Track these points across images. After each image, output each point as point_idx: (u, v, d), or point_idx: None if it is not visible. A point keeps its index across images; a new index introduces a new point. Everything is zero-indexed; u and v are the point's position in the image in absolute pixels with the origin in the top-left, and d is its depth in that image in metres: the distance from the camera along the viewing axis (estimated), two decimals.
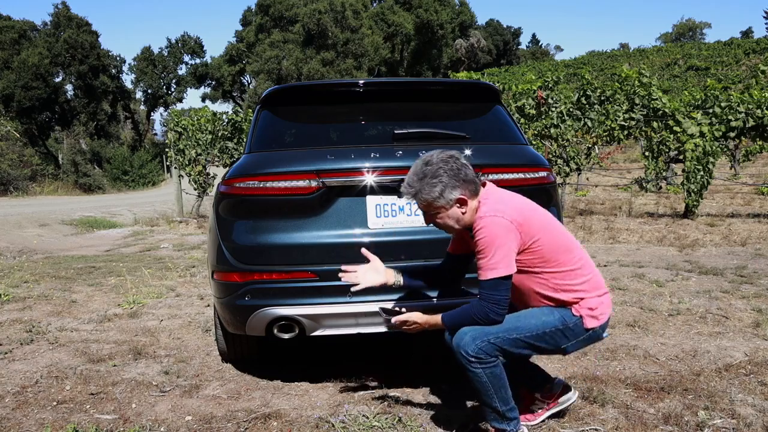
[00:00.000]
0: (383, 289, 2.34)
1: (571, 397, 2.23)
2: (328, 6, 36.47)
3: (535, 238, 1.92)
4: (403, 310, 2.07)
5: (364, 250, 2.19)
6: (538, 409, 2.23)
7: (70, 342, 3.35)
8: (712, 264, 5.28)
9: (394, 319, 2.03)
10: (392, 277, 2.18)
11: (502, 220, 1.88)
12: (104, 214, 12.39)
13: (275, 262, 2.35)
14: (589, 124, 9.05)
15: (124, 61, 39.54)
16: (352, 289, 2.15)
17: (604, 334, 2.07)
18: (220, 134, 10.42)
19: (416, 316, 2.02)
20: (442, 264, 2.24)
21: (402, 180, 2.34)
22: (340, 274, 2.16)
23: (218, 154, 10.43)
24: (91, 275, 5.44)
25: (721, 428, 2.15)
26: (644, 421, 2.20)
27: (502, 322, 1.93)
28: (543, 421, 2.22)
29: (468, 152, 2.41)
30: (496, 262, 1.86)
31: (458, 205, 1.95)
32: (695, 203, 8.22)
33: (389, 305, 2.16)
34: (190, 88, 44.41)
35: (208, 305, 4.18)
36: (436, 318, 2.00)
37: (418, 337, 3.06)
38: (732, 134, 8.26)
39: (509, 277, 1.89)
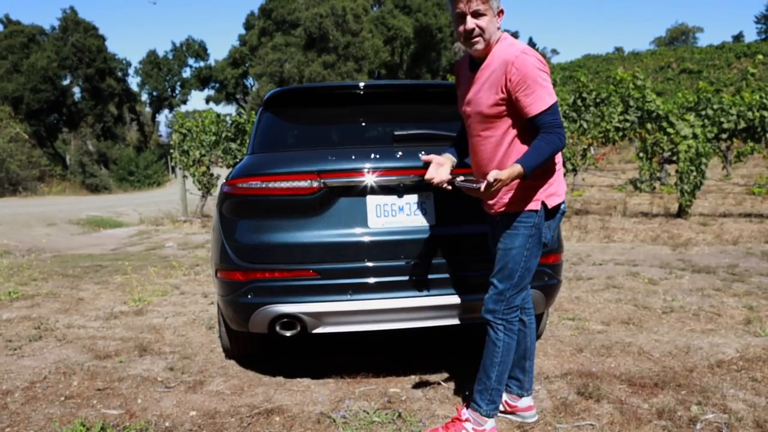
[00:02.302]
0: (383, 289, 2.38)
1: (529, 418, 2.25)
2: (329, 10, 36.50)
3: None
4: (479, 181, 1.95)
5: (422, 155, 2.22)
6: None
7: (77, 339, 3.40)
8: (704, 262, 5.30)
9: (476, 185, 1.92)
10: (450, 160, 2.21)
11: (537, 55, 1.92)
12: (110, 214, 12.48)
13: (277, 260, 2.39)
14: (585, 125, 9.07)
15: (130, 65, 39.80)
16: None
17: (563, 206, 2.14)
18: (223, 135, 10.48)
19: (497, 174, 1.87)
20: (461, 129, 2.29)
21: (402, 180, 2.40)
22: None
23: (222, 155, 10.49)
24: (98, 273, 5.51)
25: (713, 423, 2.18)
26: (638, 416, 2.24)
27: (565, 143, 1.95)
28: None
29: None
30: (545, 93, 1.89)
31: (498, 16, 1.98)
32: (688, 203, 8.24)
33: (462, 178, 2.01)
34: (195, 90, 44.59)
35: (212, 303, 4.23)
36: (517, 169, 1.88)
37: (418, 335, 3.11)
38: (724, 136, 8.30)
39: (557, 101, 1.95)
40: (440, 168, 2.17)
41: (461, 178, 2.01)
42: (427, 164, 2.22)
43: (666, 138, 8.58)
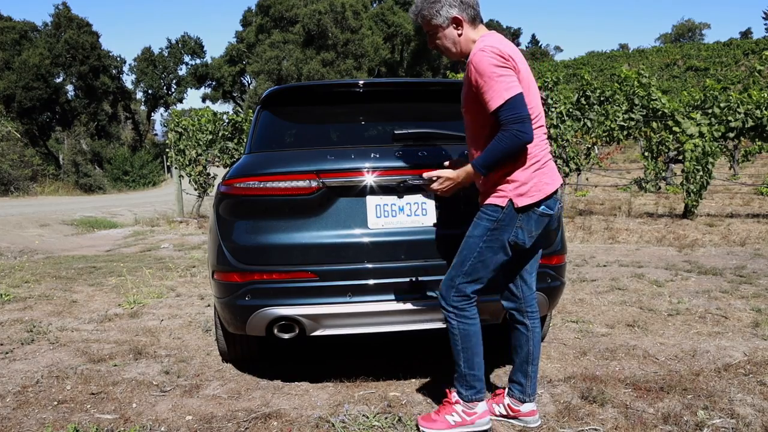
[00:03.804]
0: (383, 290, 2.35)
1: (532, 422, 2.22)
2: (328, 7, 36.49)
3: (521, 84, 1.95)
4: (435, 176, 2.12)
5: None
6: (497, 411, 2.26)
7: (70, 342, 3.36)
8: (711, 264, 5.28)
9: (425, 175, 2.13)
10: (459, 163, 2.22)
11: (495, 50, 1.93)
12: (105, 215, 12.41)
13: (275, 262, 2.36)
14: (589, 124, 9.06)
15: (125, 62, 39.65)
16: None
17: (553, 210, 2.09)
18: (220, 134, 10.43)
19: (447, 173, 2.08)
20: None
21: (402, 180, 2.36)
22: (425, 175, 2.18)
23: (218, 155, 10.43)
24: (92, 275, 5.45)
25: (720, 428, 2.15)
26: (643, 420, 2.21)
27: (533, 139, 1.93)
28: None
29: (467, 152, 2.42)
30: (501, 88, 1.90)
31: (454, 25, 2.04)
32: (694, 203, 8.23)
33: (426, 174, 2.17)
34: (191, 88, 44.50)
35: (209, 305, 4.19)
36: (468, 168, 2.03)
37: (418, 336, 3.07)
38: (731, 135, 8.26)
39: (521, 95, 1.91)
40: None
41: (426, 174, 2.14)
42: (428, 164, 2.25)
43: (672, 137, 8.58)
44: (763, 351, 2.96)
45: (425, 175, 2.15)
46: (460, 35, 2.05)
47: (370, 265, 2.36)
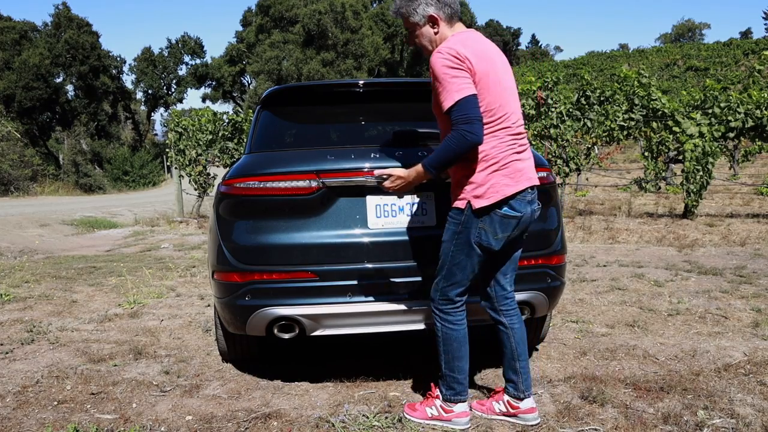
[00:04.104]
0: (384, 289, 2.35)
1: (531, 420, 2.22)
2: (328, 7, 36.48)
3: (478, 84, 1.96)
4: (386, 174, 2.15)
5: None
6: (497, 409, 2.26)
7: (70, 342, 3.36)
8: (711, 264, 5.28)
9: (376, 172, 2.17)
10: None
11: (452, 51, 1.94)
12: (105, 215, 12.41)
13: (275, 262, 2.35)
14: (589, 124, 9.05)
15: (125, 62, 39.65)
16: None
17: (520, 212, 2.05)
18: (220, 134, 10.42)
19: (398, 171, 2.11)
20: None
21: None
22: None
23: (219, 155, 10.43)
24: (92, 275, 5.45)
25: (720, 428, 2.15)
26: (644, 420, 2.20)
27: (482, 140, 1.94)
28: (491, 419, 2.25)
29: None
30: (452, 91, 1.92)
31: (431, 23, 2.07)
32: (694, 203, 8.22)
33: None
34: (191, 88, 44.48)
35: (209, 305, 4.19)
36: (418, 167, 2.05)
37: (418, 337, 3.06)
38: (731, 135, 8.25)
39: (472, 96, 1.93)
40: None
41: (377, 172, 2.19)
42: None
43: (672, 137, 8.58)
44: (763, 351, 2.95)
45: (376, 172, 2.19)
46: (436, 33, 2.08)
47: (370, 265, 2.35)
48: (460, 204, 2.07)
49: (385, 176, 2.15)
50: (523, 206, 2.07)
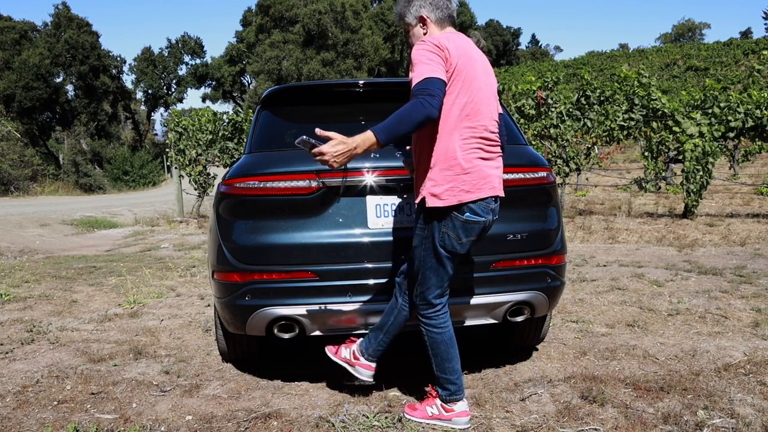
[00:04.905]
0: (384, 289, 2.35)
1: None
2: (328, 6, 36.47)
3: (455, 78, 1.96)
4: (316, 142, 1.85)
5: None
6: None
7: (70, 342, 3.36)
8: (711, 264, 5.28)
9: (317, 131, 1.85)
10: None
11: (434, 40, 1.97)
12: (105, 214, 12.40)
13: (275, 262, 2.35)
14: (589, 124, 9.05)
15: (125, 62, 39.63)
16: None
17: (483, 218, 2.03)
18: (220, 134, 10.42)
19: (339, 136, 1.82)
20: None
21: (402, 180, 2.36)
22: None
23: (219, 155, 10.43)
24: (92, 275, 5.45)
25: (720, 428, 2.15)
26: (643, 420, 2.20)
27: (437, 115, 1.88)
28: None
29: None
30: (423, 71, 1.91)
31: (421, 24, 2.12)
32: (694, 203, 8.22)
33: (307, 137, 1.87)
34: (191, 88, 44.47)
35: (209, 305, 4.18)
36: (366, 135, 1.82)
37: (418, 337, 3.06)
38: (731, 134, 8.25)
39: (439, 79, 1.89)
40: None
41: (318, 131, 1.85)
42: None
43: (672, 137, 8.58)
44: (763, 351, 2.95)
45: (317, 131, 1.85)
46: (425, 33, 2.12)
47: (370, 265, 2.36)
48: (418, 199, 2.09)
49: (319, 143, 1.82)
50: (486, 213, 2.06)
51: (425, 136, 2.05)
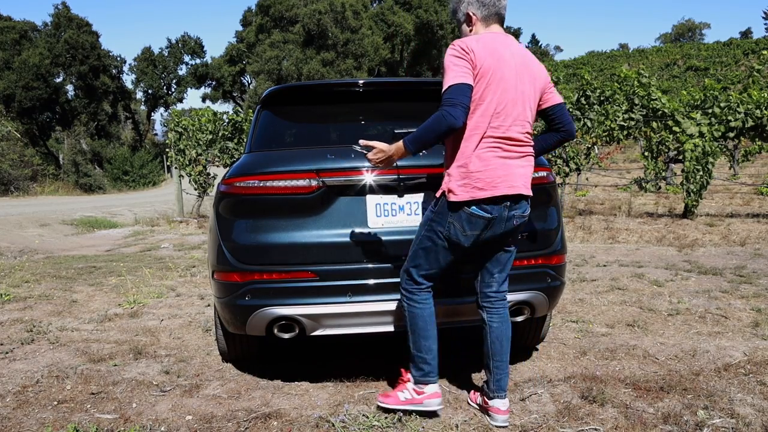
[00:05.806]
0: (383, 290, 2.35)
1: (494, 421, 2.22)
2: (328, 6, 36.44)
3: (480, 79, 2.00)
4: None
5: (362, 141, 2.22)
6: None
7: (70, 342, 3.36)
8: (711, 264, 5.28)
9: (361, 142, 2.16)
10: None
11: (462, 44, 2.01)
12: (105, 214, 12.40)
13: (275, 261, 2.35)
14: (589, 124, 9.05)
15: (125, 62, 39.59)
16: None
17: (489, 213, 2.05)
18: (220, 134, 10.42)
19: (381, 145, 2.11)
20: None
21: (402, 179, 2.36)
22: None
23: (219, 154, 10.43)
24: (92, 275, 5.45)
25: (720, 428, 2.15)
26: (644, 420, 2.20)
27: (459, 125, 1.96)
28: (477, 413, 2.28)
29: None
30: (448, 78, 1.98)
31: (467, 21, 2.15)
32: (694, 203, 8.22)
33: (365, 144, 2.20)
34: (191, 88, 44.43)
35: (209, 305, 4.18)
36: (399, 143, 2.07)
37: None
38: (731, 134, 8.25)
39: (465, 84, 1.97)
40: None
41: (362, 142, 2.17)
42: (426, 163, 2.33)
43: (672, 137, 8.58)
44: (763, 351, 2.95)
45: (361, 142, 2.18)
46: (470, 31, 2.16)
47: (370, 265, 2.35)
48: (438, 192, 2.15)
49: (369, 147, 2.17)
50: (497, 209, 2.06)
51: (451, 136, 2.09)
